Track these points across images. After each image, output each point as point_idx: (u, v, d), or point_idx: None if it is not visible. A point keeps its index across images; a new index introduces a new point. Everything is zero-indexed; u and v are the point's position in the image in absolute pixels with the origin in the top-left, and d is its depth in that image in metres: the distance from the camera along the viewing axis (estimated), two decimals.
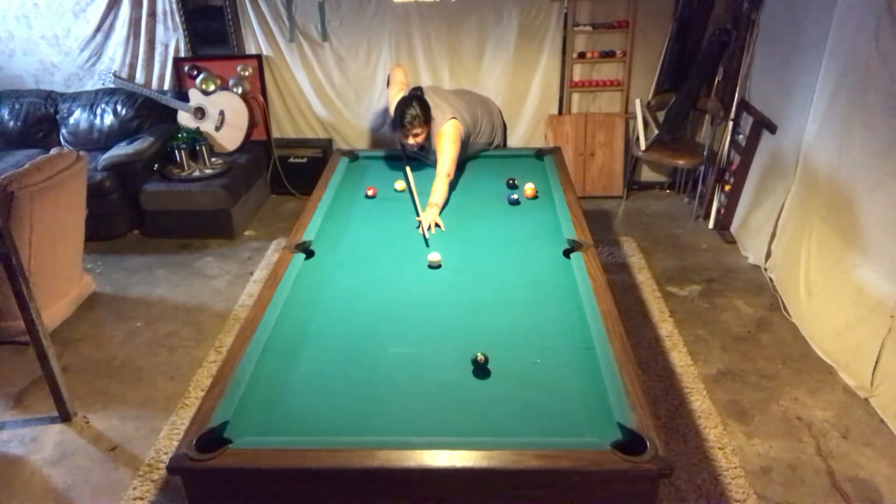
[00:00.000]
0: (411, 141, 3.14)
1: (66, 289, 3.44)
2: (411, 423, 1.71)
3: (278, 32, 4.65)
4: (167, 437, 2.65)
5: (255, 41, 4.71)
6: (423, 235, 2.71)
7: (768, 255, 3.67)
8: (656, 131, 4.47)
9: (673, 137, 4.47)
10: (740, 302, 3.46)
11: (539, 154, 3.54)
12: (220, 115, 4.57)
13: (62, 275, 3.38)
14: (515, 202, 2.97)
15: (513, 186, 3.14)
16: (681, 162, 4.40)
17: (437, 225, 2.79)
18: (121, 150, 4.27)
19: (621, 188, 4.81)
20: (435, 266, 2.49)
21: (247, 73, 4.63)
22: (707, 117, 4.56)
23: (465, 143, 3.26)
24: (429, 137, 3.18)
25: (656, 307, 3.41)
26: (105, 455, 2.59)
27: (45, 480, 2.49)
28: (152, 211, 4.29)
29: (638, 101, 4.46)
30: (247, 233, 4.45)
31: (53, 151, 3.24)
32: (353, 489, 1.60)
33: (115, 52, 4.73)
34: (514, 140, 4.83)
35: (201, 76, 4.54)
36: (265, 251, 4.16)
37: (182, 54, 4.72)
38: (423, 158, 3.37)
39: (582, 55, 4.58)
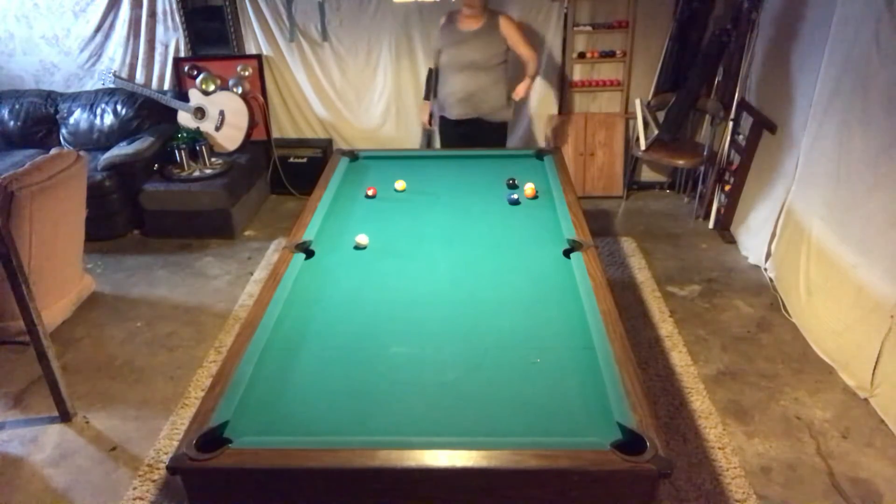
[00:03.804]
0: None
1: (66, 289, 3.44)
2: (411, 423, 1.71)
3: (278, 32, 4.65)
4: (167, 437, 2.65)
5: (255, 41, 4.71)
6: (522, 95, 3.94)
7: (768, 255, 3.67)
8: (656, 131, 4.47)
9: (673, 137, 4.47)
10: (740, 302, 3.47)
11: (539, 154, 3.54)
12: (220, 115, 4.57)
13: (62, 275, 3.38)
14: (515, 202, 2.96)
15: (513, 186, 3.14)
16: (681, 162, 4.40)
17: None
18: (121, 150, 4.27)
19: (621, 188, 4.81)
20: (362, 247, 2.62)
21: (247, 73, 4.63)
22: (707, 117, 4.56)
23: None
24: (479, 15, 3.81)
25: (656, 307, 3.41)
26: (105, 455, 2.59)
27: (45, 480, 2.49)
28: (152, 211, 4.29)
29: (638, 101, 4.46)
30: (247, 233, 4.45)
31: (53, 151, 3.24)
32: (354, 489, 1.60)
33: (115, 52, 4.73)
34: (514, 140, 4.84)
35: (201, 76, 4.54)
36: (265, 251, 4.17)
37: (182, 54, 4.72)
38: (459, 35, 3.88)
39: (582, 55, 4.58)
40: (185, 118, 4.63)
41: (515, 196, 2.98)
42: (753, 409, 2.72)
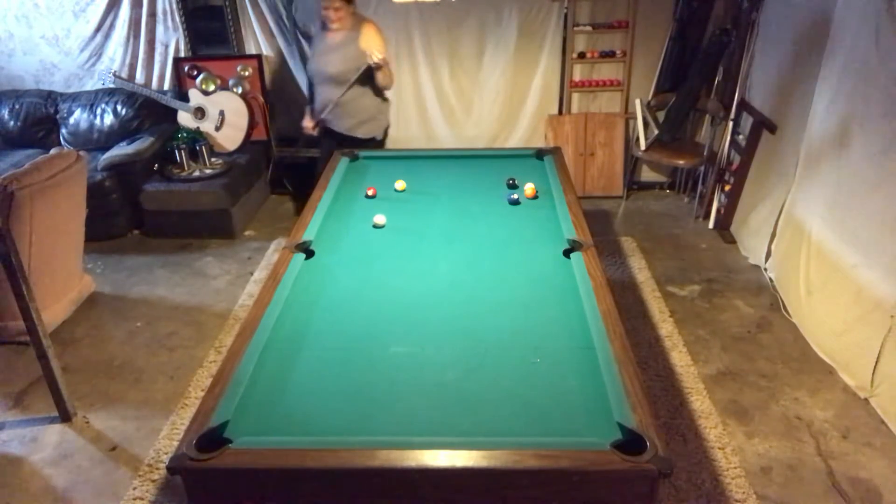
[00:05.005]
0: (330, 14, 3.53)
1: (66, 289, 3.44)
2: (411, 423, 1.71)
3: (278, 32, 4.65)
4: (167, 437, 2.65)
5: (255, 41, 4.71)
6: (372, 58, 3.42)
7: (768, 255, 3.67)
8: (656, 131, 4.47)
9: (673, 137, 4.47)
10: (740, 302, 3.46)
11: (539, 154, 3.54)
12: (220, 115, 4.57)
13: (62, 275, 3.38)
14: (515, 202, 2.96)
15: (513, 186, 3.14)
16: (681, 162, 4.40)
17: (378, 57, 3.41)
18: (121, 150, 4.27)
19: (621, 188, 4.81)
20: (380, 226, 2.75)
21: (247, 73, 4.63)
22: (707, 117, 4.56)
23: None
24: (347, 27, 3.58)
25: (656, 307, 3.41)
26: (105, 455, 2.59)
27: (45, 480, 2.49)
28: (152, 211, 4.29)
29: (638, 101, 4.46)
30: (247, 233, 4.45)
31: (53, 151, 3.24)
32: (354, 489, 1.60)
33: (115, 52, 4.73)
34: (514, 140, 4.84)
35: (201, 76, 4.54)
36: (265, 251, 4.16)
37: (182, 54, 4.72)
38: (329, 48, 3.64)
39: (582, 55, 4.58)
40: (185, 118, 4.63)
41: (515, 196, 2.98)
42: (753, 409, 2.72)
